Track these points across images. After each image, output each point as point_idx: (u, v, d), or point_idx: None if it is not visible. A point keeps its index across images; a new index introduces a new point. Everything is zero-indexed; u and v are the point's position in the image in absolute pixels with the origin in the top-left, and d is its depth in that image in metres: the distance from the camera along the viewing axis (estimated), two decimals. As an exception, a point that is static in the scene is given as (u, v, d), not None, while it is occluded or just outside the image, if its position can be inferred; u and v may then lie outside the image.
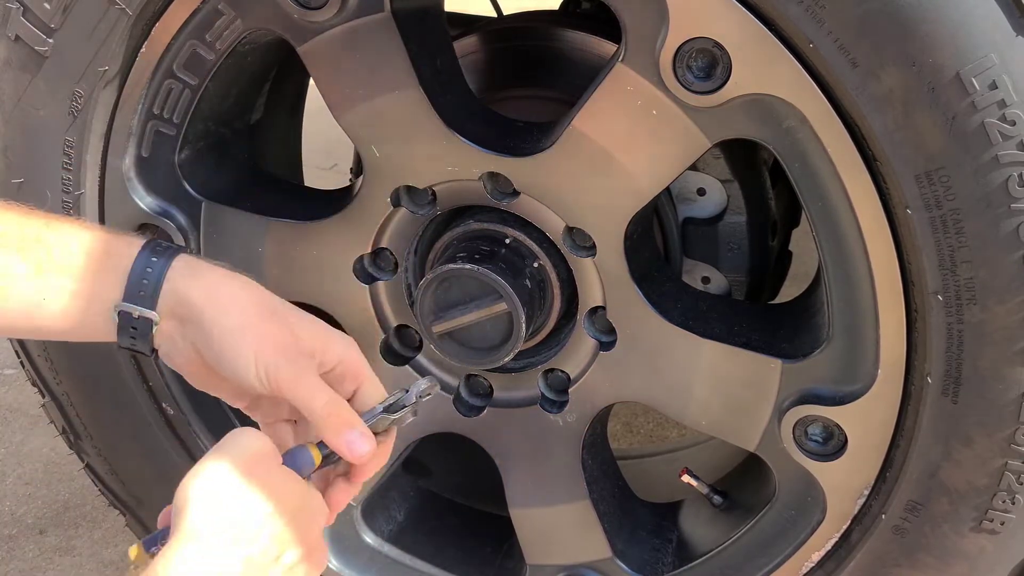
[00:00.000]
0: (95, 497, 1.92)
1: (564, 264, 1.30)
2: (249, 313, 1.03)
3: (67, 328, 1.06)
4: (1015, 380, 1.07)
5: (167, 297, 1.03)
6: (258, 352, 1.01)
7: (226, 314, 1.02)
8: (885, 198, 1.08)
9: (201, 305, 1.03)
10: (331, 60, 1.26)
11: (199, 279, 1.05)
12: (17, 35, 1.29)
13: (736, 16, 1.05)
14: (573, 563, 1.45)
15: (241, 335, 1.02)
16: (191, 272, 1.05)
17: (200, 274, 1.05)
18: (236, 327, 1.02)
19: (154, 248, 1.05)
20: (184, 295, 1.03)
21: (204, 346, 1.03)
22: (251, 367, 1.01)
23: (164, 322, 1.03)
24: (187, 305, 1.03)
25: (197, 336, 1.03)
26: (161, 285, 1.03)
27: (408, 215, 1.34)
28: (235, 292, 1.05)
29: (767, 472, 1.32)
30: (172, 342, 1.05)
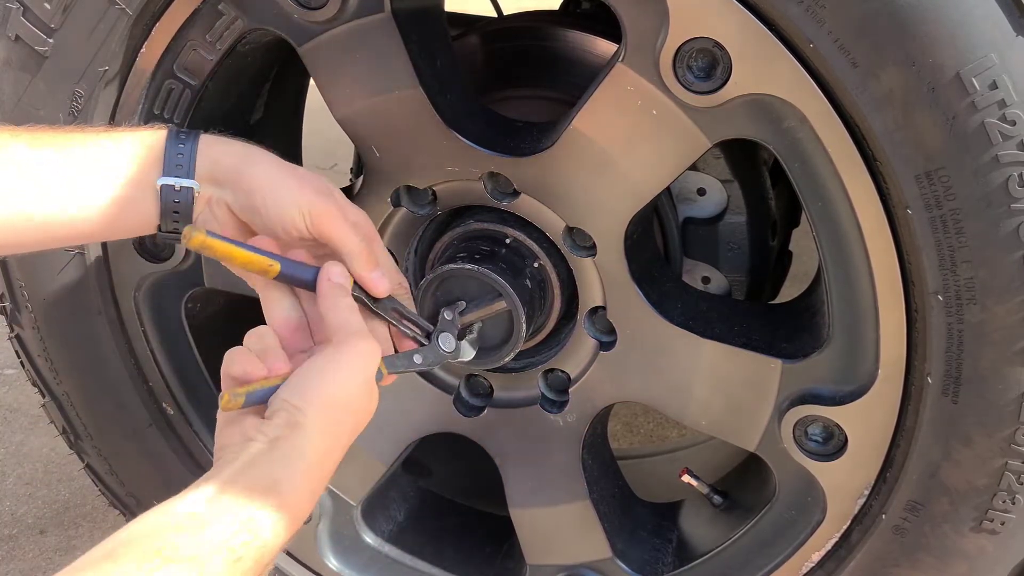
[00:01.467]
0: (95, 497, 1.92)
1: (564, 264, 1.31)
2: (282, 165, 1.12)
3: (107, 218, 1.09)
4: (1015, 380, 1.07)
5: (202, 166, 1.09)
6: (300, 196, 1.09)
7: (265, 168, 1.10)
8: (885, 198, 1.08)
9: (237, 165, 1.10)
10: (331, 60, 1.26)
11: (230, 145, 1.12)
12: (17, 35, 1.29)
13: (736, 16, 1.05)
14: (573, 563, 1.45)
15: (284, 182, 1.10)
16: (219, 142, 1.12)
17: (228, 143, 1.13)
18: (277, 177, 1.10)
19: (179, 131, 1.11)
20: (219, 159, 1.10)
21: (244, 201, 1.09)
22: (296, 208, 1.08)
23: (203, 190, 1.09)
24: (223, 167, 1.10)
25: (236, 194, 1.10)
26: (195, 156, 1.09)
27: (408, 215, 1.34)
28: (263, 153, 1.12)
29: (767, 472, 1.32)
30: (208, 211, 1.11)
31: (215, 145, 1.11)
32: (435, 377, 1.44)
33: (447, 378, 1.44)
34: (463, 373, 1.43)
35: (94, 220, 1.09)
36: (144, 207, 1.09)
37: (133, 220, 1.11)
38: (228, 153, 1.11)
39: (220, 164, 1.10)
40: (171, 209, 1.09)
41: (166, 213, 1.09)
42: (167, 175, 1.08)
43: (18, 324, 1.50)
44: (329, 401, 0.97)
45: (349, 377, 1.00)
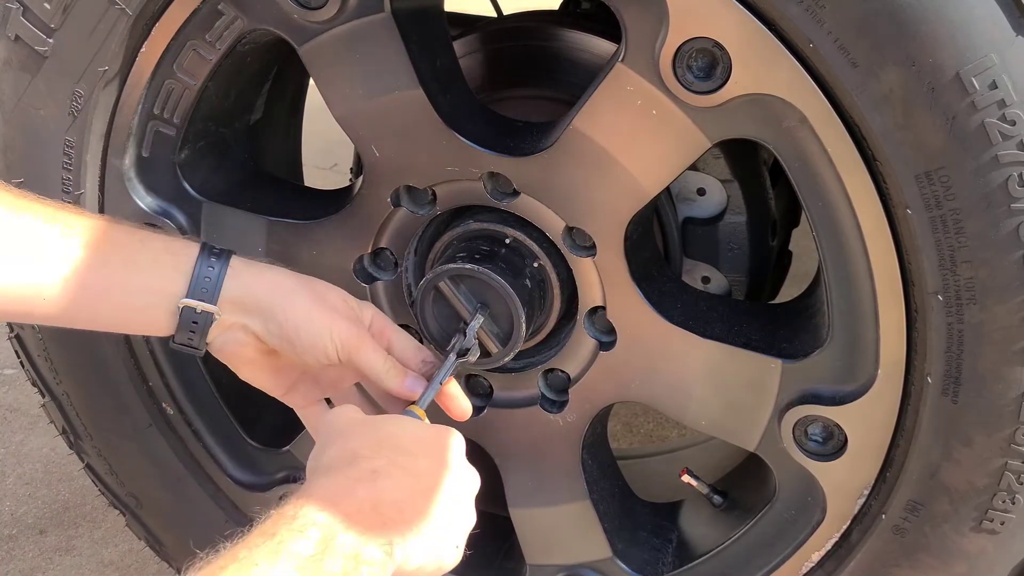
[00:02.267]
0: (95, 497, 1.92)
1: (564, 264, 1.30)
2: (313, 297, 1.16)
3: (125, 320, 1.15)
4: (1015, 380, 1.07)
5: (230, 292, 1.12)
6: (331, 326, 1.14)
7: (299, 301, 1.15)
8: (885, 198, 1.07)
9: (270, 296, 1.14)
10: (331, 60, 1.26)
11: (260, 274, 1.16)
12: (17, 35, 1.29)
13: (736, 16, 1.05)
14: (573, 563, 1.45)
15: (317, 315, 1.15)
16: (249, 269, 1.15)
17: (258, 270, 1.16)
18: (312, 310, 1.15)
19: (211, 249, 1.14)
20: (251, 287, 1.14)
21: (277, 331, 1.14)
22: (328, 339, 1.14)
23: (226, 316, 1.13)
24: (256, 297, 1.14)
25: (268, 323, 1.14)
26: (222, 282, 1.12)
27: (408, 215, 1.34)
28: (293, 281, 1.17)
29: (767, 472, 1.32)
30: (230, 335, 1.15)
31: (245, 274, 1.14)
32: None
33: (447, 378, 1.44)
34: (463, 373, 1.43)
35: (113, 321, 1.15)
36: (163, 317, 1.12)
37: (150, 325, 1.14)
38: (261, 282, 1.15)
39: (252, 293, 1.14)
40: (188, 328, 1.12)
41: (182, 330, 1.12)
42: (191, 296, 1.11)
43: (18, 324, 1.50)
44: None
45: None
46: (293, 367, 1.20)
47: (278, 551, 0.85)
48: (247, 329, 1.14)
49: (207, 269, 1.11)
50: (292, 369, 1.21)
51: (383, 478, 0.96)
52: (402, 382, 1.18)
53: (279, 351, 1.16)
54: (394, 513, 0.94)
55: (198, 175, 1.42)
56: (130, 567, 2.04)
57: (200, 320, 1.11)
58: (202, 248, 1.13)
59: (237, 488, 1.55)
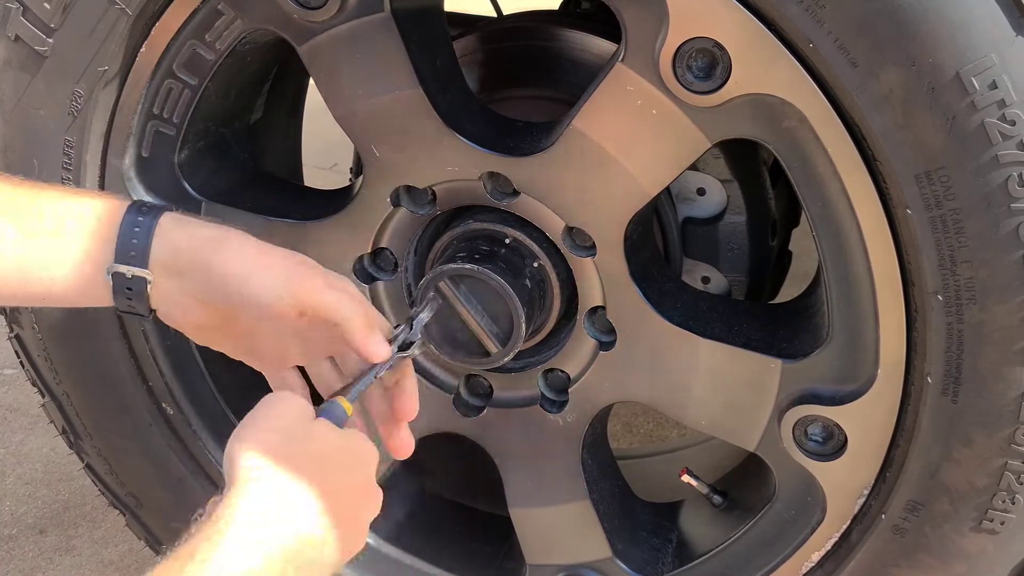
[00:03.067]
0: (95, 497, 1.92)
1: (564, 264, 1.30)
2: (254, 246, 1.06)
3: (61, 293, 1.06)
4: (1015, 380, 1.07)
5: (160, 254, 1.04)
6: (279, 274, 1.04)
7: (235, 253, 1.05)
8: (885, 198, 1.07)
9: (202, 253, 1.04)
10: (331, 60, 1.26)
11: (193, 232, 1.06)
12: (17, 35, 1.29)
13: (736, 16, 1.05)
14: (573, 563, 1.45)
15: (259, 264, 1.04)
16: (180, 227, 1.05)
17: (191, 227, 1.06)
18: (251, 260, 1.05)
19: (140, 208, 1.06)
20: (179, 248, 1.04)
21: (217, 291, 1.04)
22: (278, 285, 1.04)
23: (160, 279, 1.04)
24: (186, 256, 1.04)
25: (202, 286, 1.04)
26: (151, 244, 1.03)
27: (408, 215, 1.34)
28: (232, 235, 1.06)
29: (767, 472, 1.32)
30: (171, 299, 1.06)
31: (176, 230, 1.05)
32: (435, 377, 1.44)
33: (447, 378, 1.44)
34: (463, 373, 1.43)
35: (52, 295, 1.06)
36: (97, 286, 1.05)
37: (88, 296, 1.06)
38: (192, 239, 1.05)
39: (181, 254, 1.04)
40: (124, 295, 1.05)
41: (119, 296, 1.05)
42: (118, 261, 1.03)
43: (18, 324, 1.50)
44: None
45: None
46: (248, 327, 1.09)
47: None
48: (184, 291, 1.05)
49: (134, 231, 1.03)
50: (250, 332, 1.09)
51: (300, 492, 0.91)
52: (367, 335, 1.06)
53: (224, 312, 1.06)
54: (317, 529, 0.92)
55: (198, 175, 1.42)
56: (130, 567, 2.04)
57: (134, 286, 1.04)
58: (129, 207, 1.05)
59: (237, 488, 1.55)
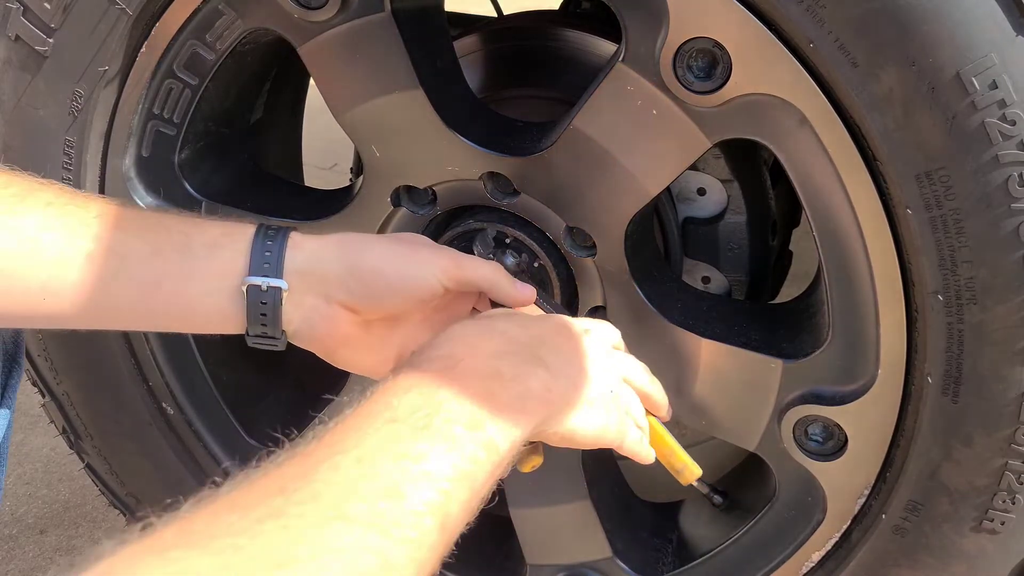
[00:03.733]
0: (95, 497, 1.92)
1: (564, 264, 1.30)
2: (388, 239, 1.08)
3: (185, 312, 1.02)
4: (1015, 380, 1.07)
5: (297, 264, 1.02)
6: (423, 255, 1.06)
7: (372, 247, 1.05)
8: (885, 198, 1.07)
9: (341, 255, 1.03)
10: (331, 60, 1.26)
11: (324, 240, 1.05)
12: (17, 35, 1.29)
13: (736, 16, 1.05)
14: (573, 563, 1.45)
15: (401, 250, 1.06)
16: (310, 239, 1.05)
17: (320, 237, 1.05)
18: (390, 249, 1.06)
19: (268, 228, 1.04)
20: (317, 255, 1.03)
21: (365, 288, 1.03)
22: (433, 269, 1.04)
23: (298, 289, 1.01)
24: (325, 263, 1.03)
25: (349, 285, 1.02)
26: (284, 254, 1.01)
27: (408, 215, 1.34)
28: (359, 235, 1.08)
29: (767, 472, 1.32)
30: (314, 314, 1.03)
31: (307, 241, 1.04)
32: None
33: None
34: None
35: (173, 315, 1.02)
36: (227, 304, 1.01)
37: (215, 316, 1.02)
38: (327, 246, 1.04)
39: (322, 259, 1.03)
40: (258, 312, 1.00)
41: (252, 315, 1.00)
42: (253, 274, 1.00)
43: (18, 324, 1.50)
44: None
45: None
46: (392, 335, 1.08)
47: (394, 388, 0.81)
48: (330, 299, 1.02)
49: (267, 244, 1.01)
50: (391, 338, 1.08)
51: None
52: (513, 284, 1.09)
53: (373, 312, 1.04)
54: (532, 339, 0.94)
55: (198, 175, 1.42)
56: (130, 567, 2.04)
57: (269, 299, 1.00)
58: (259, 227, 1.03)
59: (237, 488, 1.55)
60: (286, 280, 1.01)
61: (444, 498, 0.76)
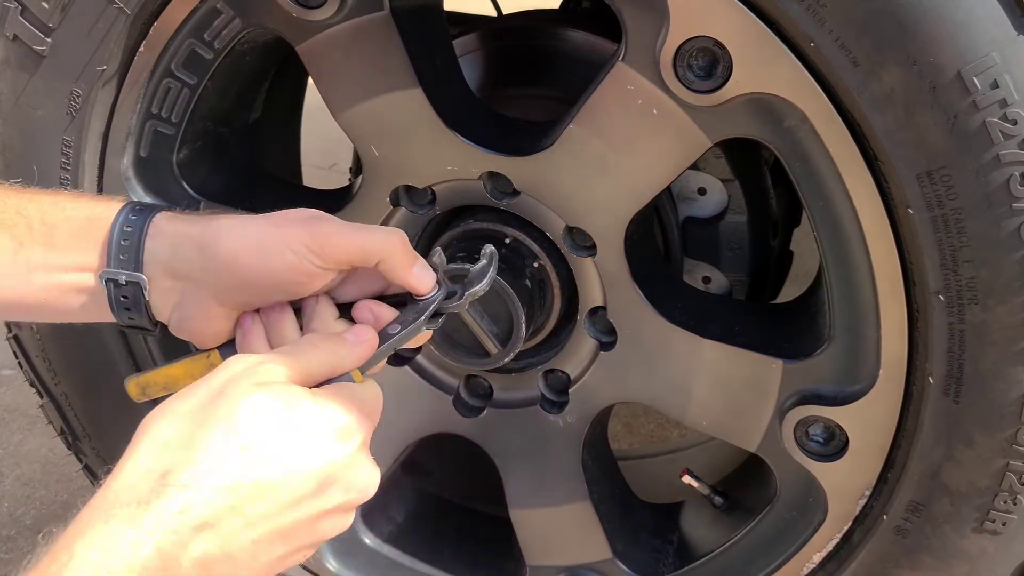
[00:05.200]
0: (94, 498, 1.91)
1: (564, 264, 1.30)
2: (251, 219, 0.97)
3: (58, 306, 0.98)
4: (1017, 380, 1.07)
5: (157, 254, 0.95)
6: (287, 237, 0.94)
7: (242, 230, 0.95)
8: (886, 197, 1.07)
9: (200, 242, 0.95)
10: (330, 59, 1.26)
11: (186, 225, 0.97)
12: (15, 34, 1.29)
13: (737, 15, 1.05)
14: (573, 564, 1.45)
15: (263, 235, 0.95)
16: (174, 222, 0.97)
17: (184, 222, 0.98)
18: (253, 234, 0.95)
19: (132, 208, 0.98)
20: (177, 244, 0.96)
21: (229, 281, 0.94)
22: (295, 250, 0.93)
23: (162, 283, 0.96)
24: (187, 254, 0.96)
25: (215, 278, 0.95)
26: (143, 244, 0.95)
27: (407, 215, 1.34)
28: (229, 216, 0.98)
29: (768, 473, 1.32)
30: (177, 304, 0.97)
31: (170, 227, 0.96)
32: (434, 377, 1.44)
33: (446, 379, 1.44)
34: (463, 374, 1.42)
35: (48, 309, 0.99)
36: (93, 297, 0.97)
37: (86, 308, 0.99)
38: (189, 233, 0.96)
39: (180, 252, 0.95)
40: (121, 305, 0.96)
41: (116, 307, 0.97)
42: (110, 266, 0.95)
43: (16, 324, 1.50)
44: None
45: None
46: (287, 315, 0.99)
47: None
48: (197, 291, 0.96)
49: (125, 231, 0.95)
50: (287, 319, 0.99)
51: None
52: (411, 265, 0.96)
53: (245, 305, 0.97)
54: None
55: (197, 175, 1.42)
56: (129, 568, 2.04)
57: (130, 293, 0.95)
58: (120, 211, 0.97)
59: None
60: (147, 272, 0.95)
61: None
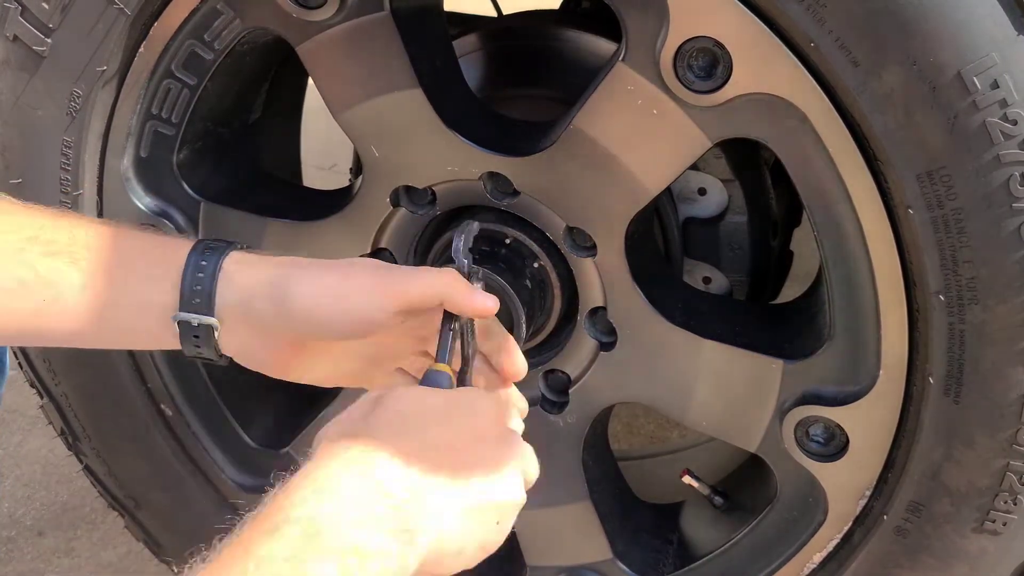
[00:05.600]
0: (94, 499, 1.92)
1: (564, 264, 1.30)
2: (328, 264, 1.02)
3: (129, 338, 1.06)
4: (1017, 380, 1.07)
5: (228, 298, 1.00)
6: (366, 288, 1.00)
7: (314, 278, 1.01)
8: (886, 198, 1.07)
9: (278, 289, 1.00)
10: (330, 60, 1.26)
11: (259, 269, 1.02)
12: (15, 35, 1.29)
13: (737, 15, 1.05)
14: (573, 564, 1.44)
15: (342, 282, 1.01)
16: (246, 266, 1.02)
17: (256, 265, 1.03)
18: (331, 279, 1.01)
19: (204, 248, 1.02)
20: (249, 289, 1.01)
21: (301, 323, 1.00)
22: (372, 301, 0.99)
23: (232, 325, 1.01)
24: (259, 298, 1.01)
25: (286, 321, 1.00)
26: (215, 288, 1.00)
27: (408, 215, 1.34)
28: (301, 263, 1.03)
29: (768, 473, 1.32)
30: (250, 344, 1.03)
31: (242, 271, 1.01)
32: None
33: (447, 379, 1.44)
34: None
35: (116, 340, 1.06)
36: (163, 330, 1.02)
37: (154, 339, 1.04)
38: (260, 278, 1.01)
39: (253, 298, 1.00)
40: (192, 343, 1.01)
41: (187, 343, 1.02)
42: (183, 310, 1.00)
43: (16, 325, 1.49)
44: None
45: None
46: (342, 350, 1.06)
47: (246, 556, 0.74)
48: (266, 333, 1.02)
49: (197, 277, 1.00)
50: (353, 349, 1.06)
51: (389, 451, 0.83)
52: (472, 294, 1.00)
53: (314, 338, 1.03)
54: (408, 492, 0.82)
55: (197, 175, 1.42)
56: (129, 569, 2.04)
57: (201, 333, 1.01)
58: (191, 251, 1.02)
59: (236, 490, 1.55)
60: (218, 315, 1.00)
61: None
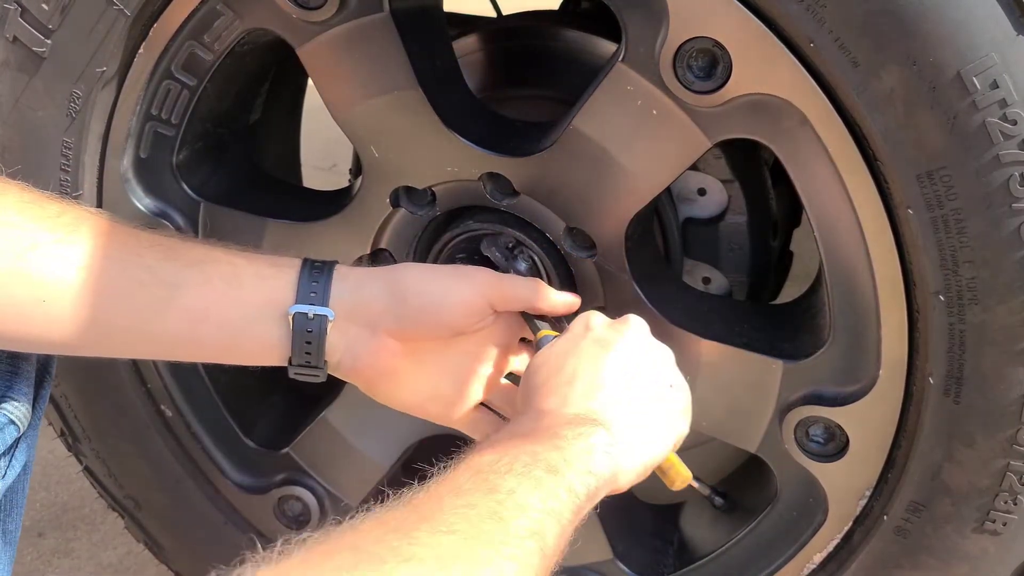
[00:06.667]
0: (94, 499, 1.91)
1: (564, 264, 1.30)
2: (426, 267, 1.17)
3: (230, 342, 1.06)
4: (1017, 380, 1.07)
5: (342, 296, 1.06)
6: (469, 275, 1.12)
7: (420, 273, 1.12)
8: (886, 198, 1.07)
9: (384, 285, 1.08)
10: (330, 60, 1.26)
11: (368, 271, 1.11)
12: (15, 36, 1.29)
13: (737, 15, 1.05)
14: (574, 565, 1.44)
15: (445, 275, 1.13)
16: (354, 271, 1.10)
17: (363, 270, 1.11)
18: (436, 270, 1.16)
19: (314, 261, 1.08)
20: (361, 287, 1.08)
21: (411, 314, 1.08)
22: (475, 286, 1.11)
23: (340, 323, 1.05)
24: (368, 294, 1.08)
25: (396, 313, 1.07)
26: (331, 285, 1.06)
27: (407, 216, 1.34)
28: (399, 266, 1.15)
29: (768, 473, 1.32)
30: (356, 342, 1.07)
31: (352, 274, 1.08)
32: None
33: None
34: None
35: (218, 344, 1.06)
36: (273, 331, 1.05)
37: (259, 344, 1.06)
38: (370, 277, 1.10)
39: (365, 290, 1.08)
40: (303, 339, 1.04)
41: (297, 343, 1.04)
42: (300, 302, 1.04)
43: (16, 326, 1.49)
44: None
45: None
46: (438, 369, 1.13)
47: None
48: (376, 329, 1.07)
49: (313, 274, 1.05)
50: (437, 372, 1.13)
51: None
52: (552, 295, 1.15)
53: (422, 337, 1.09)
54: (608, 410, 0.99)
55: (196, 176, 1.42)
56: (129, 570, 2.04)
57: (315, 327, 1.04)
58: (305, 260, 1.08)
59: (236, 490, 1.55)
60: (332, 309, 1.05)
61: (539, 526, 0.83)
